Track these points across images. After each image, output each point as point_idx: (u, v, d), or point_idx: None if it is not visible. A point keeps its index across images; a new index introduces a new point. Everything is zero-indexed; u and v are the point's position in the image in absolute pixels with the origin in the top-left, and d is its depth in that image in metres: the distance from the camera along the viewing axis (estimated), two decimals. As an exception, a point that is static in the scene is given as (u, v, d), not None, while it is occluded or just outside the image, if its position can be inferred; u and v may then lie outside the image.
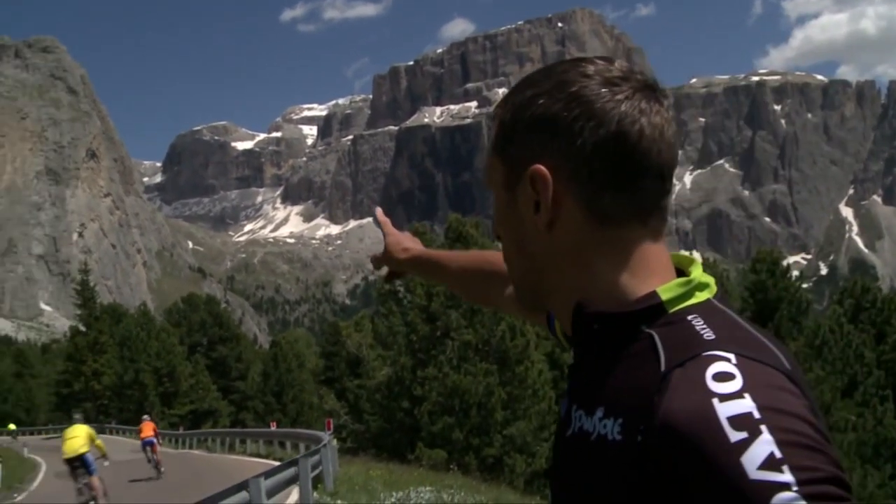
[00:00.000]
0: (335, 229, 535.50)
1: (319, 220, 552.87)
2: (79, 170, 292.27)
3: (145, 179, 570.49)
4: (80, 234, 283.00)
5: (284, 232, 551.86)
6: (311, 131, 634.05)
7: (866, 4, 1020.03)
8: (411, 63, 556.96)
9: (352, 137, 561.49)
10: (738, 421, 0.76)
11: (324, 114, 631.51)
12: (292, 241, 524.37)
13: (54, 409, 63.90)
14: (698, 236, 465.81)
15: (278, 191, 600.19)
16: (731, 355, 0.83)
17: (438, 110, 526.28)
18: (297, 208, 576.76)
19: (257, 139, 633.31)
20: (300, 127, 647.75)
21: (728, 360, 0.82)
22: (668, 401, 0.81)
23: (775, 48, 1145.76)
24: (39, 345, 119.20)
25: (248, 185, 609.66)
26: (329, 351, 49.99)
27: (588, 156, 0.93)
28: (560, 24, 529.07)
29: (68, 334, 67.32)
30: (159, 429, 29.57)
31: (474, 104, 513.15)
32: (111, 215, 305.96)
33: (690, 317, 0.90)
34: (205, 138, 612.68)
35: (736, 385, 0.79)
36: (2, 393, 69.66)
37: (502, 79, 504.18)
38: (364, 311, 52.37)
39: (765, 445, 0.74)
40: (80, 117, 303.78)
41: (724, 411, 0.77)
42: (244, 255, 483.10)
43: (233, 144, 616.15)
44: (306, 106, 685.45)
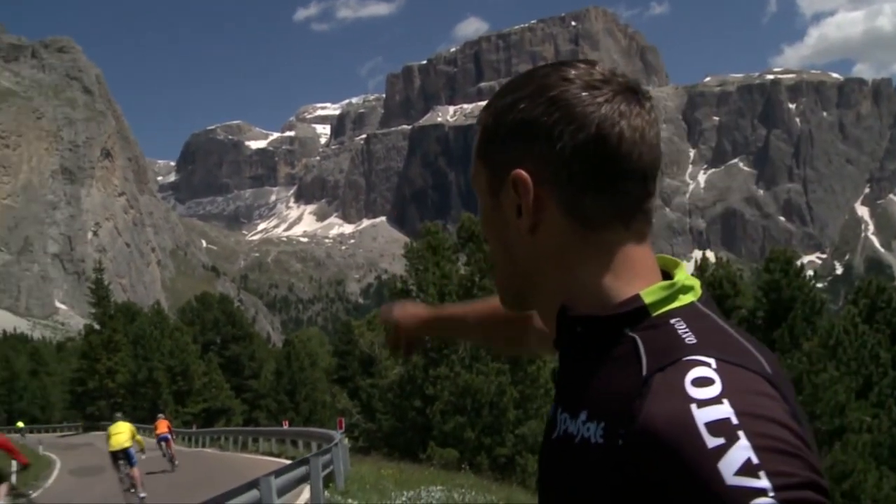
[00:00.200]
0: (348, 228, 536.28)
1: (333, 220, 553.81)
2: (94, 169, 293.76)
3: (159, 178, 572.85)
4: (95, 233, 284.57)
5: (298, 231, 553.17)
6: (324, 130, 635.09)
7: (883, 2, 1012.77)
8: (424, 62, 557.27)
9: (365, 136, 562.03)
10: (716, 426, 0.76)
11: (337, 113, 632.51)
12: (305, 240, 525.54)
13: (69, 407, 64.31)
14: (712, 235, 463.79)
15: (292, 190, 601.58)
16: (712, 360, 0.83)
17: (452, 109, 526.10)
18: (311, 207, 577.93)
19: (271, 138, 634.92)
20: (314, 126, 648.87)
21: (708, 364, 0.82)
22: (647, 405, 0.82)
23: (790, 46, 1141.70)
24: (54, 343, 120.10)
25: (262, 185, 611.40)
26: (342, 350, 50.04)
27: (568, 160, 0.93)
28: (573, 23, 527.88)
29: (83, 332, 67.77)
30: (173, 427, 30.19)
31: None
32: (125, 214, 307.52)
33: (673, 320, 0.90)
34: (219, 137, 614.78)
35: (715, 390, 0.79)
36: (17, 390, 70.21)
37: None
38: (377, 310, 52.38)
39: (742, 451, 0.75)
40: (95, 117, 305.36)
41: (702, 417, 0.77)
42: (258, 254, 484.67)
43: (246, 143, 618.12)
44: (320, 105, 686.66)
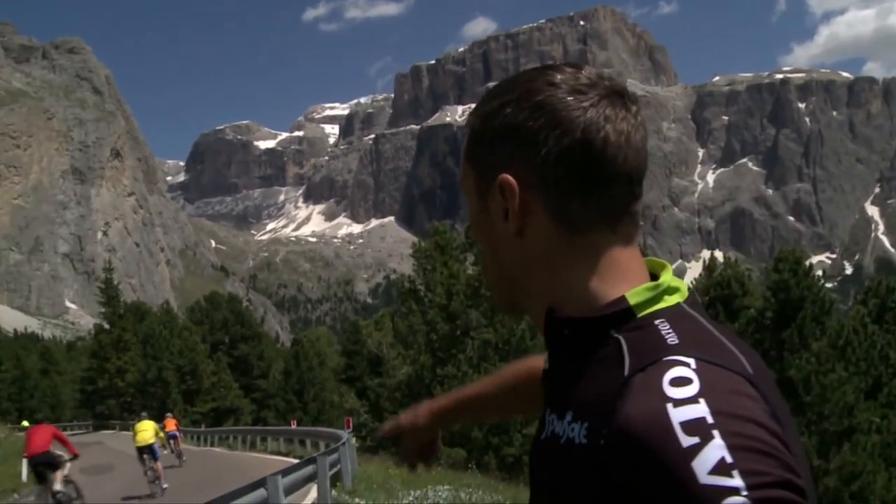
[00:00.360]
0: (357, 228, 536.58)
1: (341, 219, 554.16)
2: (103, 169, 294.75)
3: (169, 178, 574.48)
4: (105, 233, 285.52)
5: (306, 231, 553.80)
6: (333, 130, 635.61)
7: (894, 0, 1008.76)
8: (433, 62, 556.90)
9: (374, 136, 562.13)
10: (691, 426, 0.77)
11: (346, 113, 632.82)
12: (314, 239, 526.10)
13: (79, 406, 64.55)
14: (721, 235, 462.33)
15: (300, 190, 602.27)
16: (692, 360, 0.83)
17: (460, 109, 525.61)
18: (319, 207, 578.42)
19: (279, 138, 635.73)
20: (322, 126, 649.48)
21: (687, 364, 0.83)
22: (626, 405, 0.82)
23: (800, 45, 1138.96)
24: (65, 342, 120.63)
25: (271, 184, 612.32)
26: (350, 349, 50.12)
27: (554, 164, 0.93)
28: (582, 23, 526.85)
29: (93, 332, 67.93)
30: (182, 426, 30.64)
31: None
32: (135, 214, 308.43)
33: (658, 321, 0.90)
34: (228, 137, 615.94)
35: (692, 390, 0.80)
36: (28, 389, 70.41)
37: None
38: (385, 309, 52.47)
39: (716, 450, 0.75)
40: (105, 117, 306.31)
41: (678, 416, 0.78)
42: (266, 254, 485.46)
43: (255, 143, 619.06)
44: (328, 105, 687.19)
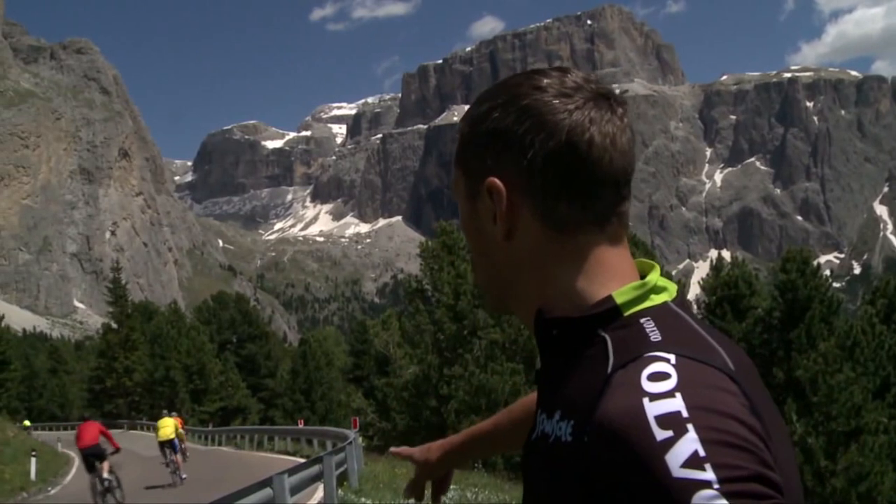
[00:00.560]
0: (364, 228, 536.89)
1: (349, 219, 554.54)
2: (111, 169, 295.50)
3: (176, 178, 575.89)
4: (113, 233, 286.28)
5: (314, 230, 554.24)
6: (340, 130, 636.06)
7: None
8: (440, 61, 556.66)
9: (381, 136, 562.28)
10: (665, 420, 0.77)
11: (353, 112, 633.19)
12: (322, 239, 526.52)
13: (87, 405, 64.62)
14: (729, 235, 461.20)
15: (308, 189, 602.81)
16: (672, 356, 0.84)
17: (467, 109, 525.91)
18: (327, 207, 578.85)
19: (287, 138, 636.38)
20: (329, 126, 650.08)
21: (667, 360, 0.84)
22: (605, 401, 0.83)
23: (808, 44, 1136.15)
24: (73, 341, 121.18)
25: (278, 184, 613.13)
26: (357, 349, 50.28)
27: (540, 167, 0.94)
28: (589, 22, 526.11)
29: (101, 331, 68.05)
30: (188, 425, 30.96)
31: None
32: (143, 214, 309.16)
33: (643, 319, 0.91)
34: (235, 137, 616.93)
35: (669, 385, 0.80)
36: (37, 388, 70.65)
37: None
38: (392, 309, 52.49)
39: (689, 444, 0.75)
40: (113, 117, 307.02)
41: (653, 410, 0.78)
42: (274, 254, 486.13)
43: (263, 143, 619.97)
44: (336, 105, 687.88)
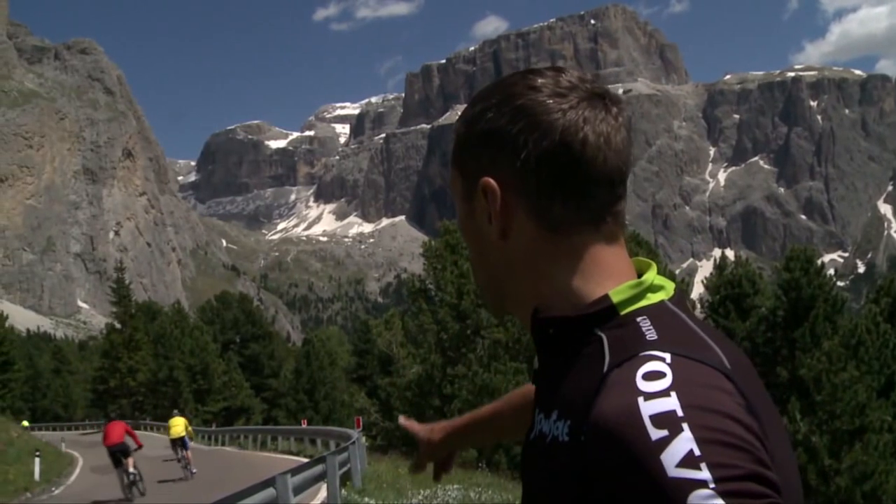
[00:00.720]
0: (368, 227, 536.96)
1: (352, 219, 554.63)
2: (115, 169, 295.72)
3: (180, 178, 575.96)
4: (117, 233, 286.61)
5: (317, 230, 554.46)
6: (343, 130, 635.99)
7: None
8: (443, 61, 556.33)
9: (384, 136, 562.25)
10: (660, 419, 0.77)
11: (356, 112, 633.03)
12: (325, 239, 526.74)
13: (91, 405, 64.75)
14: (733, 234, 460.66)
15: (311, 189, 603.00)
16: (667, 354, 0.84)
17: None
18: (330, 207, 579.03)
19: (290, 138, 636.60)
20: (333, 126, 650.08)
21: (662, 359, 0.83)
22: (601, 400, 0.83)
23: (811, 43, 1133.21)
24: (77, 342, 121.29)
25: (282, 184, 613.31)
26: (361, 349, 50.24)
27: (534, 168, 0.94)
28: (593, 21, 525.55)
29: (104, 331, 68.15)
30: (192, 425, 31.04)
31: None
32: (146, 214, 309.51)
33: (640, 318, 0.91)
34: (238, 137, 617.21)
35: (664, 384, 0.80)
36: (41, 389, 70.82)
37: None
38: (395, 308, 52.48)
39: (684, 443, 0.75)
40: (117, 117, 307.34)
41: (648, 409, 0.78)
42: (277, 254, 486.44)
43: (266, 143, 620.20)
44: (339, 105, 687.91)
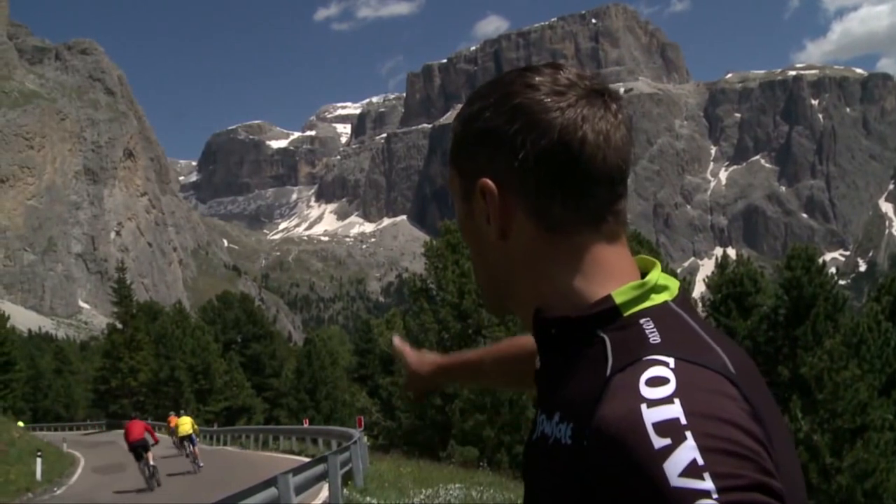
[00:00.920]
0: (369, 227, 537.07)
1: (353, 218, 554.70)
2: (116, 169, 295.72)
3: (181, 178, 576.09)
4: (118, 233, 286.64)
5: (319, 230, 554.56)
6: (345, 130, 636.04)
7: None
8: (445, 61, 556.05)
9: (385, 136, 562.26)
10: (664, 427, 0.76)
11: (357, 112, 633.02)
12: (326, 239, 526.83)
13: (92, 405, 64.84)
14: (734, 233, 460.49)
15: (312, 189, 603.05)
16: (671, 359, 0.82)
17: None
18: (332, 206, 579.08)
19: (291, 138, 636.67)
20: (334, 125, 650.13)
21: (666, 364, 0.82)
22: (603, 406, 0.81)
23: (813, 42, 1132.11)
24: (78, 342, 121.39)
25: (283, 184, 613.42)
26: (362, 348, 50.19)
27: (532, 167, 0.93)
28: (594, 21, 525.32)
29: (106, 331, 68.23)
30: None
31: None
32: (148, 214, 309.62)
33: (643, 320, 0.89)
34: (240, 137, 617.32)
35: (667, 390, 0.79)
36: (42, 389, 70.83)
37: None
38: (396, 308, 52.49)
39: (688, 452, 0.74)
40: (118, 118, 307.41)
41: (651, 417, 0.77)
42: (279, 253, 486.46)
43: (267, 143, 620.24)
44: (340, 104, 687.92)
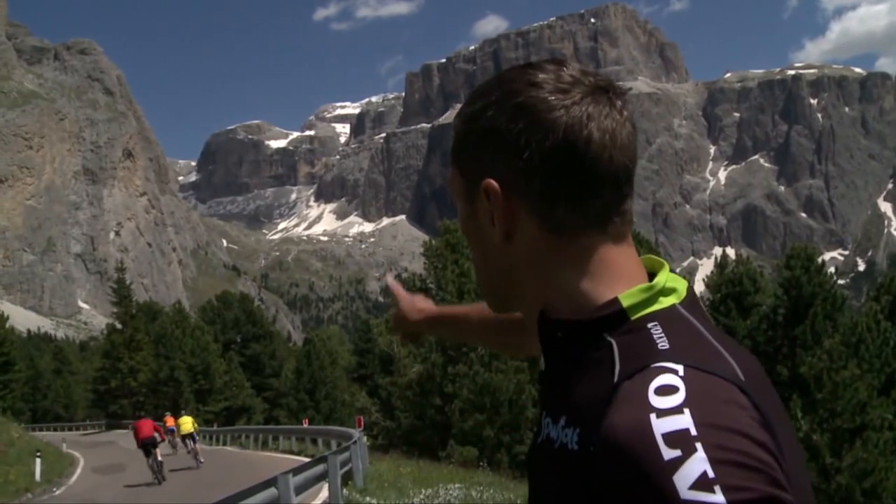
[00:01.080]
0: (368, 227, 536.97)
1: (353, 218, 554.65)
2: (115, 169, 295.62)
3: (180, 178, 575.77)
4: (117, 233, 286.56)
5: (318, 230, 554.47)
6: (344, 129, 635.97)
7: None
8: (444, 60, 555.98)
9: (385, 135, 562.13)
10: (674, 438, 0.74)
11: (357, 112, 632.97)
12: (326, 238, 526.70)
13: (92, 406, 64.81)
14: (733, 232, 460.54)
15: (312, 189, 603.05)
16: (680, 367, 0.81)
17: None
18: (331, 206, 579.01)
19: (291, 138, 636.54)
20: (333, 125, 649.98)
21: (675, 371, 0.80)
22: (612, 414, 0.80)
23: (811, 41, 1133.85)
24: (77, 342, 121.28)
25: (282, 184, 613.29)
26: (362, 348, 50.25)
27: (537, 168, 0.91)
28: (593, 20, 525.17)
29: (105, 332, 68.17)
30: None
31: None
32: (147, 214, 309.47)
33: (651, 324, 0.88)
34: (239, 137, 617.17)
35: (677, 399, 0.77)
36: (41, 389, 70.77)
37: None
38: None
39: (698, 464, 0.72)
40: (117, 118, 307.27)
41: (660, 427, 0.75)
42: (278, 253, 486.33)
43: (267, 143, 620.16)
44: (339, 104, 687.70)
